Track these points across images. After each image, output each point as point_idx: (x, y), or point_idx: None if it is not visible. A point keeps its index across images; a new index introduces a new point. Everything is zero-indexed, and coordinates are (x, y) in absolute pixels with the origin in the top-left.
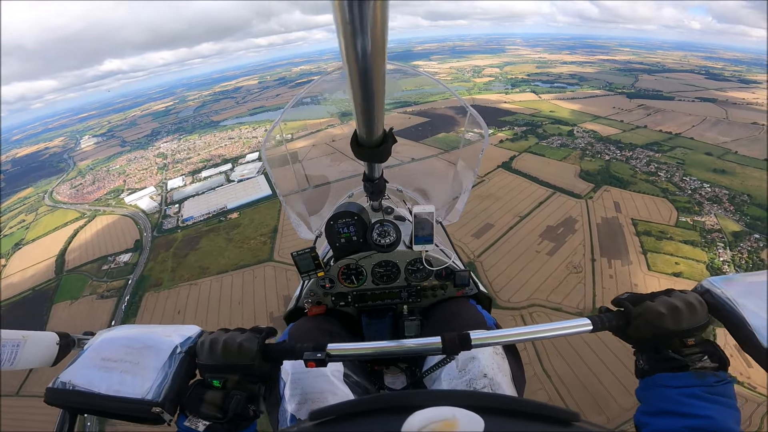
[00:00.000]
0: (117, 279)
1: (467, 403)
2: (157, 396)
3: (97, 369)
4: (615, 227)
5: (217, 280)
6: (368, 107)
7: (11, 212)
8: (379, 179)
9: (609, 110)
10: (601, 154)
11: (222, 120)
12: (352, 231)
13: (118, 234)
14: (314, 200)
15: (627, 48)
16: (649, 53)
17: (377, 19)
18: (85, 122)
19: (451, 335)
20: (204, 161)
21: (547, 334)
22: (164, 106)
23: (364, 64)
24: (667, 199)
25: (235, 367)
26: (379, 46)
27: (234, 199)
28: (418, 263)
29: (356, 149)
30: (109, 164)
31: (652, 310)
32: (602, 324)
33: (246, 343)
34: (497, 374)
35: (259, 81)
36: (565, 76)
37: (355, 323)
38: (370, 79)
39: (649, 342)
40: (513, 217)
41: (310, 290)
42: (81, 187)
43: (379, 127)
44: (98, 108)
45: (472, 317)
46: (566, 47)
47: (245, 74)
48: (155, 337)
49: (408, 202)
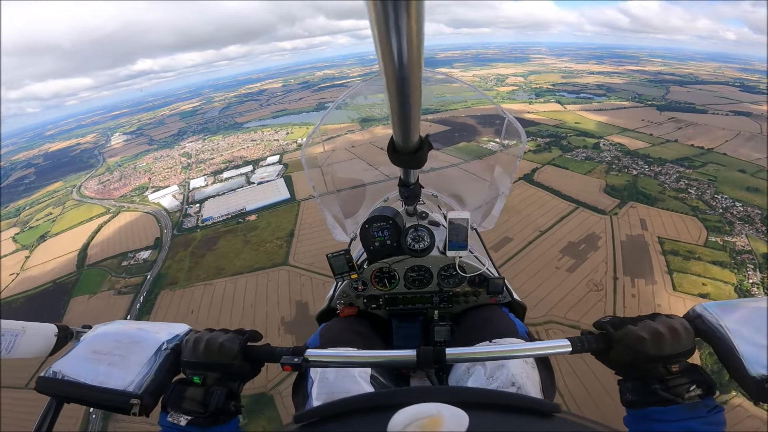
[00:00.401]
0: (135, 276)
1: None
2: (138, 388)
3: (87, 361)
4: (640, 245)
5: (232, 281)
6: (405, 113)
7: (39, 204)
8: (415, 184)
9: (638, 123)
10: (628, 169)
11: (246, 122)
12: (386, 235)
13: (139, 231)
14: (350, 203)
15: (658, 58)
16: (681, 64)
17: (413, 21)
18: (116, 120)
19: (426, 349)
20: (226, 162)
21: (524, 353)
22: (191, 106)
23: (401, 70)
24: (696, 217)
25: (216, 365)
26: (415, 51)
27: (253, 201)
28: (451, 269)
29: (393, 155)
30: (137, 162)
31: (633, 335)
32: (582, 346)
33: (227, 343)
34: (526, 383)
35: (283, 84)
36: (592, 86)
37: (385, 326)
38: (407, 85)
39: (631, 367)
40: (533, 232)
41: (343, 292)
42: (108, 183)
43: (416, 133)
44: (130, 106)
45: (504, 325)
46: (593, 57)
47: (270, 77)
48: (144, 333)
49: (443, 208)
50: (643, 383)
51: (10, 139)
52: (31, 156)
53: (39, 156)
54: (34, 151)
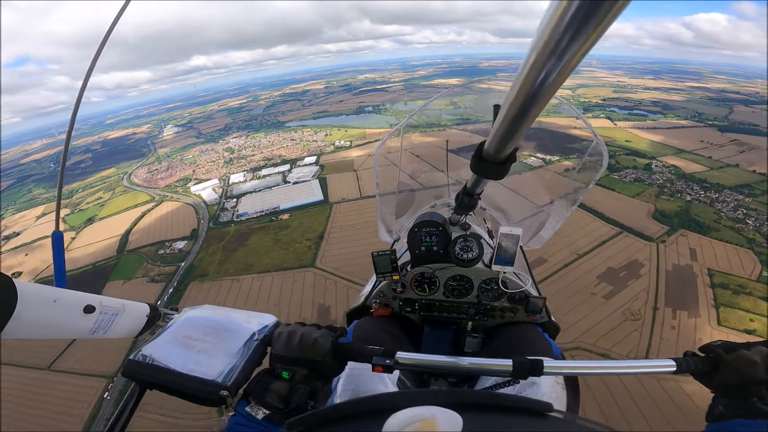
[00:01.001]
0: (169, 265)
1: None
2: (227, 380)
3: (178, 346)
4: (687, 276)
5: (259, 278)
6: (516, 127)
7: (92, 188)
8: (478, 195)
9: (695, 144)
10: (681, 194)
11: (287, 121)
12: (434, 240)
13: (178, 221)
14: (399, 206)
15: (722, 75)
16: (748, 82)
17: (590, 38)
18: (170, 112)
19: (522, 359)
20: (265, 159)
21: (626, 370)
22: (238, 103)
23: (541, 86)
24: (752, 250)
25: (307, 361)
26: (567, 71)
27: (287, 200)
28: (493, 283)
29: (477, 163)
30: (184, 153)
31: (745, 358)
32: (687, 367)
33: (321, 339)
34: (554, 402)
35: (326, 86)
36: (647, 102)
37: (417, 330)
38: (536, 102)
39: (735, 389)
40: (570, 254)
41: (381, 291)
42: (156, 173)
43: (512, 147)
44: (183, 100)
45: (539, 344)
46: (650, 71)
47: (313, 78)
48: (235, 321)
49: (488, 221)
50: (741, 400)
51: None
52: (90, 142)
53: (98, 143)
54: (94, 137)
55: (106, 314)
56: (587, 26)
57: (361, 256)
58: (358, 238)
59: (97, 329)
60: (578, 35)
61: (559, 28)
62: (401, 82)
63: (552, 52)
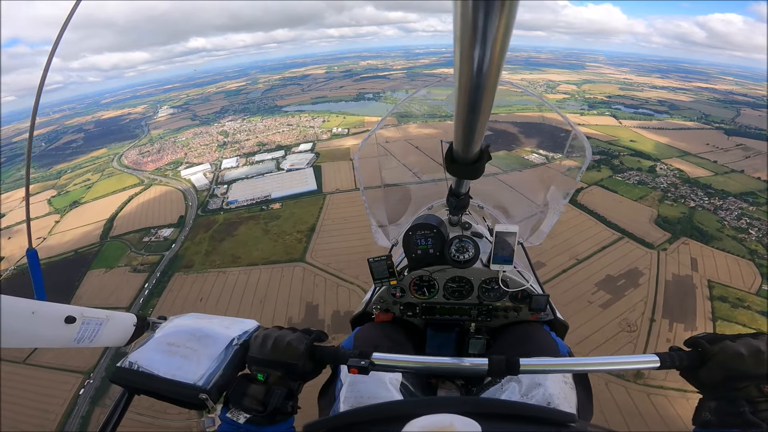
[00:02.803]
0: (153, 254)
1: (463, 410)
2: (207, 383)
3: (162, 353)
4: (687, 287)
5: (246, 272)
6: (471, 122)
7: (81, 169)
8: (465, 195)
9: (701, 147)
10: (685, 199)
11: (285, 105)
12: (429, 243)
13: (166, 207)
14: (394, 210)
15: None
16: (756, 85)
17: (502, 25)
18: (168, 93)
19: (498, 358)
20: (260, 145)
21: (609, 367)
22: (237, 85)
23: (478, 77)
24: (753, 262)
25: (281, 363)
26: (497, 57)
27: (279, 188)
28: (493, 282)
29: (450, 165)
30: (177, 135)
31: (730, 350)
32: (672, 362)
33: (295, 342)
34: (562, 403)
35: (326, 71)
36: (653, 101)
37: (420, 335)
38: (481, 93)
39: (721, 386)
40: (569, 259)
41: (381, 297)
42: (147, 155)
43: (478, 143)
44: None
45: (545, 343)
46: (657, 70)
47: (315, 62)
48: (216, 327)
49: (487, 219)
50: (728, 403)
51: (69, 104)
52: (84, 122)
53: (91, 122)
54: (88, 117)
55: (89, 324)
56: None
57: (353, 252)
58: (350, 233)
59: (82, 338)
60: (490, 15)
61: (468, 14)
62: (403, 70)
63: (473, 38)
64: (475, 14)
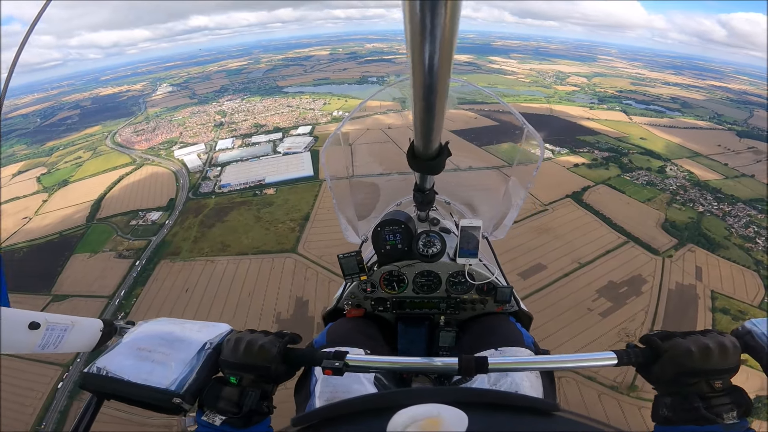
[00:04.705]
0: (140, 238)
1: (450, 399)
2: (180, 387)
3: (132, 358)
4: (689, 298)
5: (234, 261)
6: (428, 120)
7: (73, 146)
8: (430, 190)
9: (713, 148)
10: (694, 203)
11: (286, 86)
12: (398, 239)
13: (156, 188)
14: (363, 206)
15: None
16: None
17: (447, 25)
18: (168, 71)
19: (468, 358)
20: (257, 126)
21: (570, 364)
22: (239, 64)
23: (430, 76)
24: (758, 273)
25: (253, 366)
26: (446, 56)
27: (274, 173)
28: (460, 276)
29: (412, 160)
30: (174, 114)
31: (680, 347)
32: (628, 359)
33: (267, 345)
34: (530, 391)
35: (330, 53)
36: (666, 98)
37: (391, 329)
38: (434, 92)
39: (674, 383)
40: (571, 263)
41: (352, 293)
42: (142, 133)
43: (437, 140)
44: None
45: (510, 334)
46: (671, 66)
47: (319, 44)
48: (188, 332)
49: (455, 215)
50: (682, 399)
51: (68, 81)
52: (81, 98)
53: (88, 99)
54: (86, 94)
55: (53, 330)
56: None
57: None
58: None
59: (46, 344)
60: (436, 15)
61: (416, 14)
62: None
63: (422, 39)
64: (422, 15)
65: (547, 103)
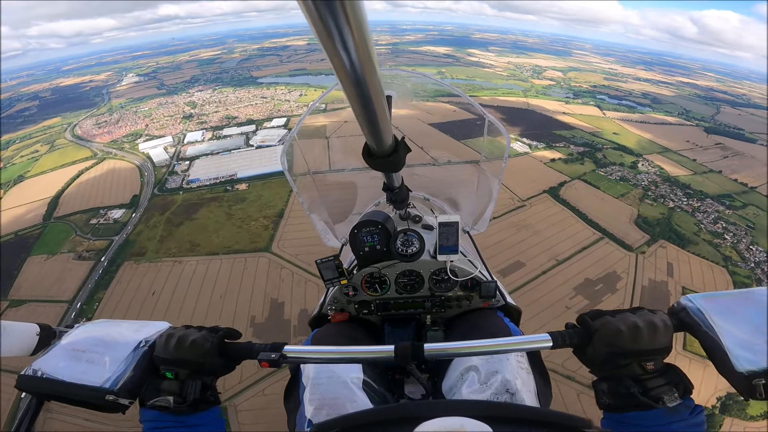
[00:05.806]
0: (101, 238)
1: (476, 413)
2: (114, 385)
3: (67, 359)
4: (661, 295)
5: (204, 262)
6: (369, 117)
7: (30, 140)
8: (400, 188)
9: (682, 144)
10: (665, 199)
11: (261, 76)
12: (376, 240)
13: (118, 184)
14: (340, 208)
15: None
16: (735, 82)
17: (352, 20)
18: (136, 60)
19: (404, 345)
20: (229, 118)
21: (505, 348)
22: (212, 54)
23: (353, 73)
24: (726, 269)
25: (185, 361)
26: (362, 50)
27: (247, 167)
28: (442, 273)
29: (368, 159)
30: (140, 105)
31: (610, 326)
32: (563, 340)
33: (199, 340)
34: (521, 389)
35: (308, 42)
36: (637, 94)
37: (378, 331)
38: (364, 87)
39: (606, 365)
40: (549, 260)
41: (334, 298)
42: (104, 125)
43: (387, 135)
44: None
45: (497, 329)
46: (642, 62)
47: (297, 33)
48: (124, 331)
49: (435, 211)
50: (618, 384)
51: (28, 71)
52: (41, 89)
53: (48, 90)
54: (46, 84)
55: None
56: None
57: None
58: None
59: None
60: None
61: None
62: (388, 46)
63: (329, 36)
64: (320, 13)
65: (524, 96)
